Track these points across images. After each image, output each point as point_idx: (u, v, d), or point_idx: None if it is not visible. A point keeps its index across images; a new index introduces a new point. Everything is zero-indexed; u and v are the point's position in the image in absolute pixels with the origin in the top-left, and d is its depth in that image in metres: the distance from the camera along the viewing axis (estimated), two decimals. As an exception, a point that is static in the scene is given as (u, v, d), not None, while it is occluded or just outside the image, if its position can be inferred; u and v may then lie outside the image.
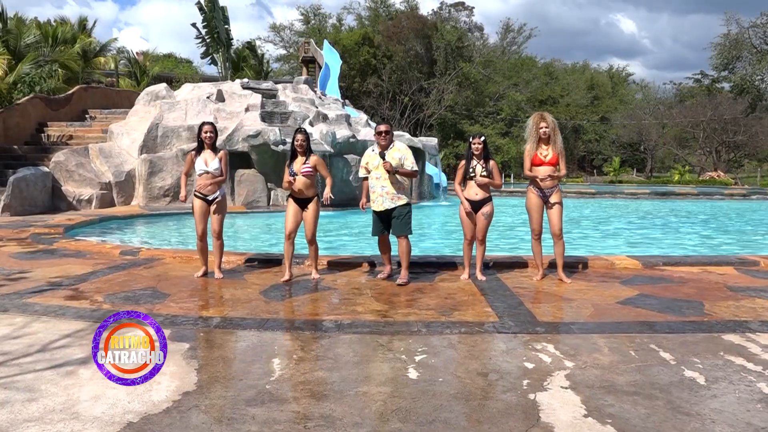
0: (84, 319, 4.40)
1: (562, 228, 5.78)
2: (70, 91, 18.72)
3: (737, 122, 39.83)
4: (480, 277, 5.88)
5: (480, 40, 45.33)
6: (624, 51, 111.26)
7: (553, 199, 5.71)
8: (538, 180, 5.68)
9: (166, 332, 4.15)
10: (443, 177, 20.44)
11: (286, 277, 5.79)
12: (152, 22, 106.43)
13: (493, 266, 6.33)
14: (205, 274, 5.97)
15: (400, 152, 5.68)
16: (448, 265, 6.49)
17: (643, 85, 55.70)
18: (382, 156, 5.62)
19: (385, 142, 5.70)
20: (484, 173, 5.71)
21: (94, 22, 33.92)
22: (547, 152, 5.63)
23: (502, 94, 41.24)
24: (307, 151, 5.86)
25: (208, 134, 5.83)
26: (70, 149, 14.25)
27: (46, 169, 13.22)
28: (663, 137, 43.65)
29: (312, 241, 5.94)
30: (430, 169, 19.52)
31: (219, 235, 5.91)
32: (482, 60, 41.67)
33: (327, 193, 5.85)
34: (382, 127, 5.76)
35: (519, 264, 6.52)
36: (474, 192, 5.78)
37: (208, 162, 5.81)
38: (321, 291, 5.47)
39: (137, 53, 31.59)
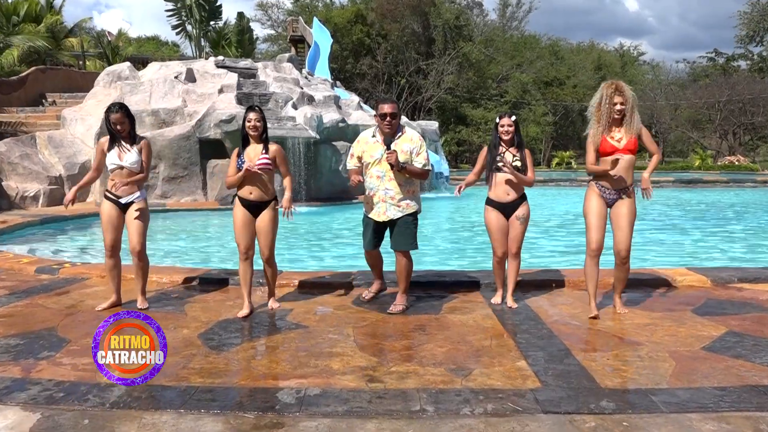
0: None
1: (630, 244, 4.20)
2: (24, 73, 16.83)
3: (755, 102, 37.80)
4: (511, 304, 4.42)
5: (480, 17, 43.12)
6: (630, 30, 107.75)
7: (624, 202, 4.17)
8: (609, 175, 4.11)
9: (33, 418, 2.72)
10: (445, 165, 18.69)
11: (246, 311, 4.26)
12: (134, 4, 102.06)
13: (519, 287, 4.77)
14: (115, 305, 4.44)
15: (412, 143, 4.25)
16: (458, 285, 4.99)
17: (654, 64, 53.36)
18: (388, 145, 4.14)
19: (391, 128, 4.20)
20: (518, 162, 4.27)
21: (63, 0, 31.42)
22: (621, 135, 4.10)
23: (506, 75, 39.16)
24: (263, 136, 4.37)
25: (118, 126, 4.29)
26: (13, 139, 12.39)
27: (-19, 162, 11.63)
28: (676, 119, 41.66)
29: (269, 261, 4.41)
30: (431, 156, 17.80)
31: (141, 254, 4.39)
32: (483, 39, 39.54)
33: (287, 202, 4.32)
34: (387, 108, 4.17)
35: (552, 284, 5.01)
36: (504, 191, 4.34)
37: (123, 155, 4.33)
38: (286, 331, 3.97)
39: (108, 33, 29.53)
